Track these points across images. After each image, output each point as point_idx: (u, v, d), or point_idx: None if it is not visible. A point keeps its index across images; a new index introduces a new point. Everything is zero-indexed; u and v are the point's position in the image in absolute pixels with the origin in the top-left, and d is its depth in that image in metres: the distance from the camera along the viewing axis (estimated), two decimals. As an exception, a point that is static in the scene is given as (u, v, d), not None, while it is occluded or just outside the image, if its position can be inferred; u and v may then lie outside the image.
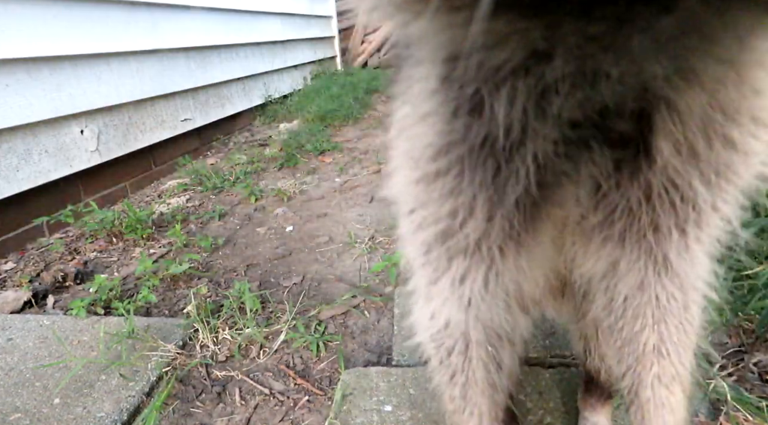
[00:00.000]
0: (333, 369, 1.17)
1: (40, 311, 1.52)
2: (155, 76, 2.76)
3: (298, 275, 1.63)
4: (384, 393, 1.02)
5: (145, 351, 1.22)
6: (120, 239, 2.00)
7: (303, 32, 5.16)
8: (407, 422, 0.95)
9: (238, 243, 1.93)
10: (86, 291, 1.60)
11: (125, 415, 1.03)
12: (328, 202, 2.28)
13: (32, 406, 1.06)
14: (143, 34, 2.66)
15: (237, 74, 3.75)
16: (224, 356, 1.23)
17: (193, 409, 1.08)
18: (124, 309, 1.39)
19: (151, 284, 1.57)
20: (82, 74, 2.24)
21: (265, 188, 2.52)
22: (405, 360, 1.15)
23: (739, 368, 1.03)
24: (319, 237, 1.91)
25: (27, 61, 1.96)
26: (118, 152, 2.48)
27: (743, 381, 1.00)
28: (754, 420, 0.89)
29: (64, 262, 1.82)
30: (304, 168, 2.84)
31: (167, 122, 2.90)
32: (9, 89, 1.88)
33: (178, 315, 1.44)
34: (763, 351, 1.06)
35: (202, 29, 3.26)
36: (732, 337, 1.12)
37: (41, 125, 2.04)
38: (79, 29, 2.23)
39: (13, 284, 1.67)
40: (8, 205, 1.92)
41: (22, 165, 1.95)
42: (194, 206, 2.38)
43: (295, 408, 1.06)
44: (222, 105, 3.57)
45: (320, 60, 5.71)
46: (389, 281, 1.52)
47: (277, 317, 1.38)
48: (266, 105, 4.27)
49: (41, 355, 1.23)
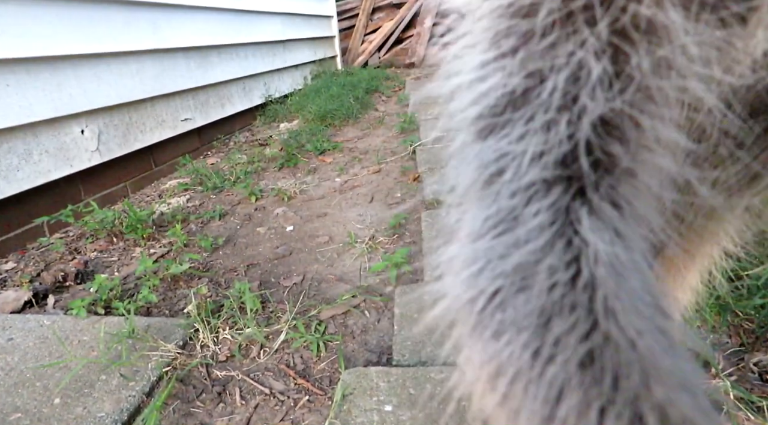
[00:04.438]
0: (333, 369, 1.17)
1: (40, 311, 1.52)
2: (155, 76, 2.76)
3: (299, 275, 1.63)
4: (384, 393, 1.02)
5: (146, 350, 1.22)
6: (120, 239, 2.00)
7: (303, 32, 5.16)
8: (407, 422, 0.95)
9: (238, 243, 1.93)
10: (87, 291, 1.60)
11: (125, 415, 1.03)
12: (329, 202, 2.28)
13: (32, 406, 1.06)
14: (143, 34, 2.66)
15: (237, 74, 3.75)
16: (224, 356, 1.24)
17: (193, 409, 1.08)
18: (125, 309, 1.39)
19: (152, 284, 1.57)
20: (82, 74, 2.24)
21: (266, 187, 2.52)
22: (405, 360, 1.15)
23: (739, 368, 1.03)
24: (319, 237, 1.91)
25: (27, 61, 1.96)
26: (118, 152, 2.48)
27: (743, 381, 1.00)
28: (754, 420, 0.89)
29: (64, 262, 1.82)
30: (305, 168, 2.84)
31: (167, 121, 2.90)
32: (9, 89, 1.88)
33: (178, 315, 1.44)
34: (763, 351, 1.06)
35: (203, 29, 3.26)
36: (732, 337, 1.12)
37: (41, 125, 2.05)
38: (80, 29, 2.23)
39: (14, 284, 1.67)
40: (8, 205, 1.92)
41: (22, 165, 1.95)
42: (194, 205, 2.38)
43: (295, 408, 1.06)
44: (222, 105, 3.57)
45: (320, 60, 5.71)
46: (389, 281, 1.52)
47: (278, 317, 1.38)
48: (266, 105, 4.27)
49: (41, 355, 1.23)
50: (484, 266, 0.25)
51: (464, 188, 0.29)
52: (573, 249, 0.24)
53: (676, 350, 0.23)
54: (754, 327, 1.13)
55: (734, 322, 1.15)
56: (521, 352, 0.23)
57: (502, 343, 0.24)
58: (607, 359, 0.22)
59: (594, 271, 0.23)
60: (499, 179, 0.26)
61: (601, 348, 0.22)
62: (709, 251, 0.50)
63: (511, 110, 0.26)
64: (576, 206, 0.24)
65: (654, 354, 0.21)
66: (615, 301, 0.22)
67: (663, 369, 0.21)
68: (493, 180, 0.27)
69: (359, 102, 4.30)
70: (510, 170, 0.26)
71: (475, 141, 0.28)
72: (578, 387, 0.22)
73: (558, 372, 0.22)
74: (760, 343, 1.09)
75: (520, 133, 0.26)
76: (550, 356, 0.23)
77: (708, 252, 0.50)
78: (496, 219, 0.26)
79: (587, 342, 0.22)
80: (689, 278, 0.53)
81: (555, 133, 0.25)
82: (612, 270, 0.23)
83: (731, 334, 1.13)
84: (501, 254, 0.25)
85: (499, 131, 0.27)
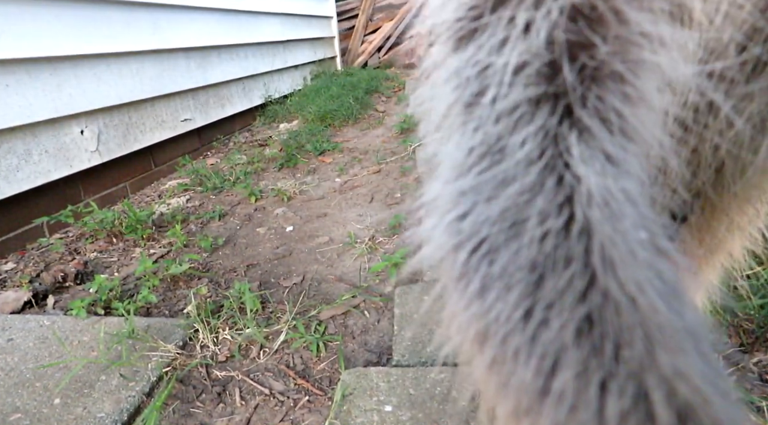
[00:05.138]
0: (333, 369, 1.17)
1: (40, 311, 1.52)
2: (155, 77, 2.76)
3: (298, 275, 1.63)
4: (384, 393, 1.02)
5: (146, 351, 1.22)
6: (120, 240, 2.00)
7: (303, 32, 5.16)
8: (407, 422, 0.95)
9: (238, 243, 1.93)
10: (86, 291, 1.60)
11: (125, 415, 1.03)
12: (328, 202, 2.28)
13: (32, 406, 1.06)
14: (143, 35, 2.66)
15: (237, 74, 3.75)
16: (224, 356, 1.23)
17: (193, 409, 1.08)
18: (125, 309, 1.39)
19: (151, 284, 1.57)
20: (82, 74, 2.24)
21: (265, 188, 2.52)
22: (405, 360, 1.15)
23: (739, 368, 1.03)
24: (319, 237, 1.91)
25: (27, 61, 1.96)
26: (118, 153, 2.48)
27: (743, 381, 1.00)
28: (754, 420, 0.89)
29: (64, 262, 1.82)
30: (304, 168, 2.84)
31: (167, 122, 2.90)
32: (9, 89, 1.88)
33: (178, 315, 1.44)
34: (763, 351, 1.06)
35: (203, 29, 3.26)
36: (732, 337, 1.12)
37: (41, 125, 2.04)
38: (80, 30, 2.23)
39: (14, 284, 1.67)
40: (8, 205, 1.92)
41: (22, 165, 1.95)
42: (194, 206, 2.38)
43: (295, 408, 1.06)
44: (222, 105, 3.57)
45: (320, 60, 5.71)
46: (389, 282, 1.52)
47: (277, 317, 1.38)
48: (266, 105, 4.27)
49: (41, 355, 1.23)
50: (469, 209, 0.23)
51: (443, 112, 0.26)
52: (565, 188, 0.21)
53: (677, 298, 0.20)
54: (754, 327, 1.13)
55: (734, 322, 1.15)
56: (510, 313, 0.21)
57: (490, 301, 0.22)
58: (607, 323, 0.20)
59: (588, 214, 0.21)
60: (481, 99, 0.24)
61: (600, 310, 0.20)
62: (732, 238, 0.45)
63: (490, 11, 0.24)
64: (564, 130, 0.22)
65: (657, 311, 0.19)
66: (612, 249, 0.20)
67: (667, 329, 0.19)
68: (475, 102, 0.24)
69: (359, 102, 4.30)
70: (492, 87, 0.23)
71: (454, 51, 0.26)
72: (575, 357, 0.20)
73: (553, 338, 0.20)
74: (760, 343, 1.09)
75: (500, 38, 0.23)
76: (544, 319, 0.20)
77: (730, 240, 0.45)
78: (480, 150, 0.23)
79: (585, 302, 0.20)
80: (707, 272, 0.50)
81: (536, 35, 0.22)
82: (607, 210, 0.21)
83: (731, 334, 1.13)
84: (487, 195, 0.22)
85: (479, 36, 0.24)
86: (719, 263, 0.49)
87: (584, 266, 0.20)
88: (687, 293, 0.21)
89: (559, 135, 0.22)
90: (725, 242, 0.45)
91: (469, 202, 0.23)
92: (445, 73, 0.26)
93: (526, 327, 0.21)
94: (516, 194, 0.22)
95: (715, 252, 0.47)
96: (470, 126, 0.24)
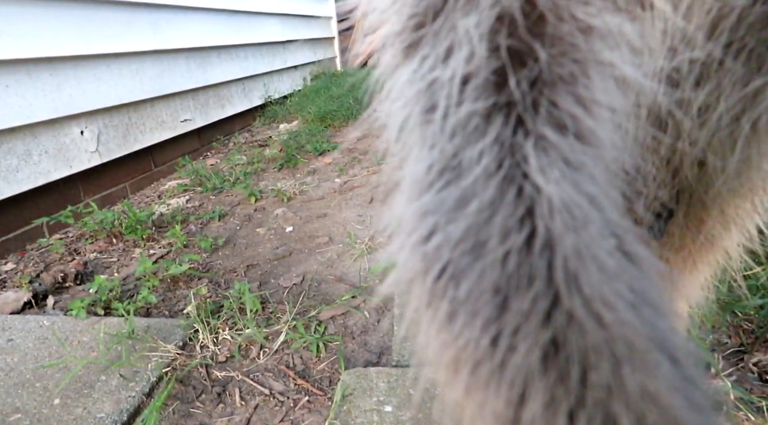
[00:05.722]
0: (333, 370, 1.17)
1: (40, 311, 1.52)
2: (155, 77, 2.76)
3: (298, 276, 1.63)
4: (384, 393, 1.02)
5: (145, 351, 1.22)
6: (120, 240, 2.00)
7: (303, 33, 5.16)
8: (407, 422, 0.95)
9: (238, 244, 1.93)
10: (86, 292, 1.60)
11: (125, 416, 1.03)
12: (328, 202, 2.28)
13: (32, 407, 1.06)
14: (143, 35, 2.66)
15: (237, 75, 3.75)
16: (224, 356, 1.23)
17: (193, 410, 1.08)
18: (124, 310, 1.39)
19: (151, 284, 1.57)
20: (82, 75, 2.24)
21: (265, 188, 2.52)
22: (405, 360, 1.15)
23: (739, 368, 1.03)
24: (319, 238, 1.91)
25: (27, 61, 1.96)
26: (118, 153, 2.48)
27: (743, 381, 1.00)
28: (754, 420, 0.90)
29: (64, 263, 1.82)
30: (304, 169, 2.84)
31: (167, 122, 2.90)
32: (9, 90, 1.88)
33: (178, 316, 1.44)
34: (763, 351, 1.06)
35: (203, 30, 3.26)
36: (732, 337, 1.12)
37: (41, 126, 2.04)
38: (80, 30, 2.23)
39: (13, 284, 1.67)
40: (8, 206, 1.92)
41: (22, 166, 1.95)
42: (194, 206, 2.38)
43: (295, 409, 1.06)
44: (222, 106, 3.57)
45: (320, 61, 5.71)
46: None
47: (277, 317, 1.38)
48: (266, 106, 4.27)
49: (41, 356, 1.23)
50: (432, 230, 0.21)
51: (399, 125, 0.25)
52: (525, 200, 0.20)
53: (650, 306, 0.19)
54: (754, 327, 1.13)
55: (734, 322, 1.15)
56: (478, 339, 0.20)
57: (458, 327, 0.20)
58: (573, 346, 0.18)
59: (550, 226, 0.19)
60: (433, 115, 0.22)
61: (565, 332, 0.19)
62: (728, 234, 0.44)
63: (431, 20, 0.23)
64: (520, 139, 0.21)
65: (625, 325, 0.18)
66: (577, 263, 0.19)
67: (636, 343, 0.18)
68: (428, 117, 0.23)
69: (359, 103, 4.30)
70: (441, 101, 0.22)
71: (402, 61, 0.24)
72: (542, 386, 0.19)
73: (520, 365, 0.19)
74: (760, 343, 1.09)
75: (444, 48, 0.22)
76: (510, 346, 0.19)
77: (726, 237, 0.44)
78: (438, 167, 0.22)
79: (549, 325, 0.19)
80: (697, 276, 0.50)
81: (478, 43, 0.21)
82: (570, 219, 0.19)
83: (731, 334, 1.13)
84: (448, 214, 0.21)
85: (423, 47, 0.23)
86: (715, 260, 0.48)
87: (547, 284, 0.19)
88: (661, 298, 0.20)
89: (515, 145, 0.21)
90: (721, 239, 0.45)
91: (431, 222, 0.22)
92: (396, 87, 0.25)
93: (494, 355, 0.20)
94: (476, 212, 0.21)
95: (711, 249, 0.46)
96: (427, 143, 0.23)
